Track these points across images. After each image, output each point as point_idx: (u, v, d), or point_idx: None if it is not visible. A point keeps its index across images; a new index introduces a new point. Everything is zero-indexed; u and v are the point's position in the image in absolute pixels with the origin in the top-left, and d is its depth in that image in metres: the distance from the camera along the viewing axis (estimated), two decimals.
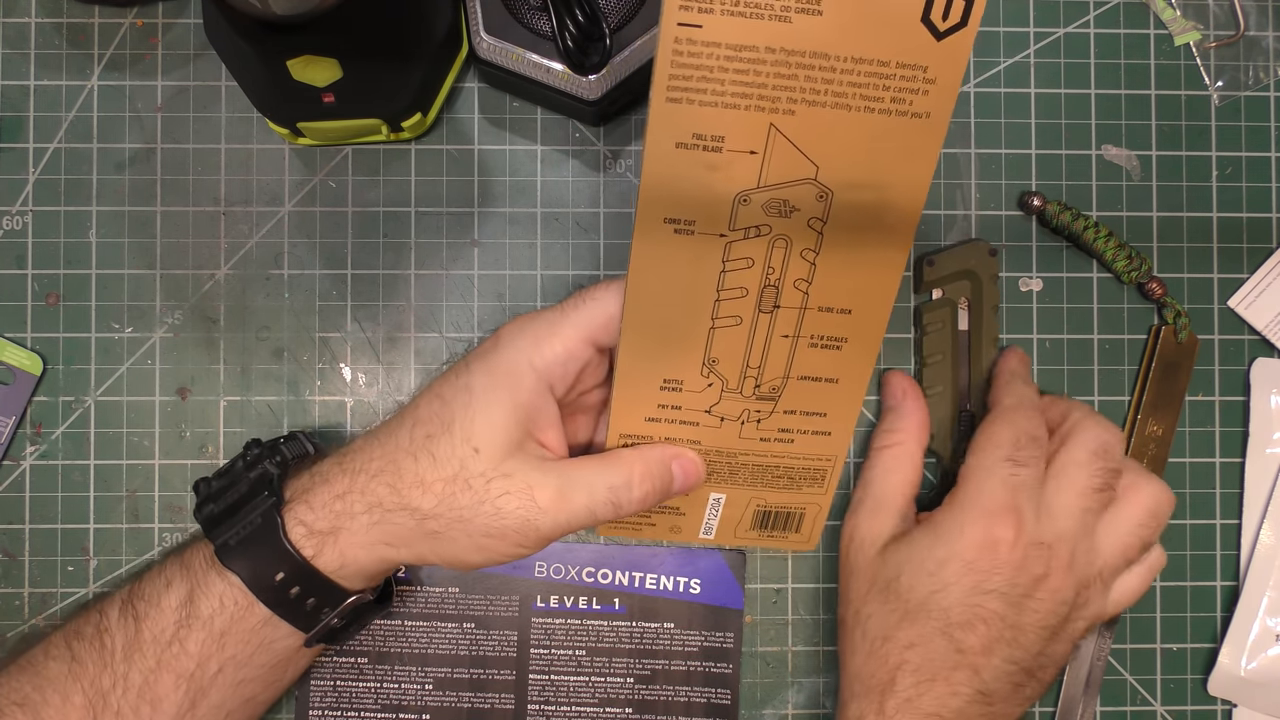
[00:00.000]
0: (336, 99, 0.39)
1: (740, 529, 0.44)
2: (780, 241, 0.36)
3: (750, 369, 0.39)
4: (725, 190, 0.35)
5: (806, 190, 0.35)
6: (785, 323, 0.38)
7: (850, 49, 0.33)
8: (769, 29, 0.32)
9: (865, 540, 0.42)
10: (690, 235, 0.36)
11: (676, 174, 0.35)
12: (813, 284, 0.37)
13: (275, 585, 0.37)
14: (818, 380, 0.40)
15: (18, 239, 0.45)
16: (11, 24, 0.45)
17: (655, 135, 0.34)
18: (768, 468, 0.42)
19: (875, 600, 0.40)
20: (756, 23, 0.32)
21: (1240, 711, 0.46)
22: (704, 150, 0.34)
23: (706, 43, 0.32)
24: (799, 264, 0.37)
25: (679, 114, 0.33)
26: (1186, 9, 0.46)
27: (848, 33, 0.32)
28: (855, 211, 0.36)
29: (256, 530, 0.37)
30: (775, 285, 0.37)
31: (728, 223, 0.36)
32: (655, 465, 0.39)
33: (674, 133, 0.34)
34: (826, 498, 0.43)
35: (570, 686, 0.45)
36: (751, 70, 0.33)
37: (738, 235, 0.36)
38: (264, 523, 0.37)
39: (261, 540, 0.37)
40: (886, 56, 0.33)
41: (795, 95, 0.33)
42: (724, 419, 0.40)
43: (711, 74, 0.33)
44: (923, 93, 0.33)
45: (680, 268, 0.36)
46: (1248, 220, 0.46)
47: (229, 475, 0.40)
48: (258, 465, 0.39)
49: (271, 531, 0.37)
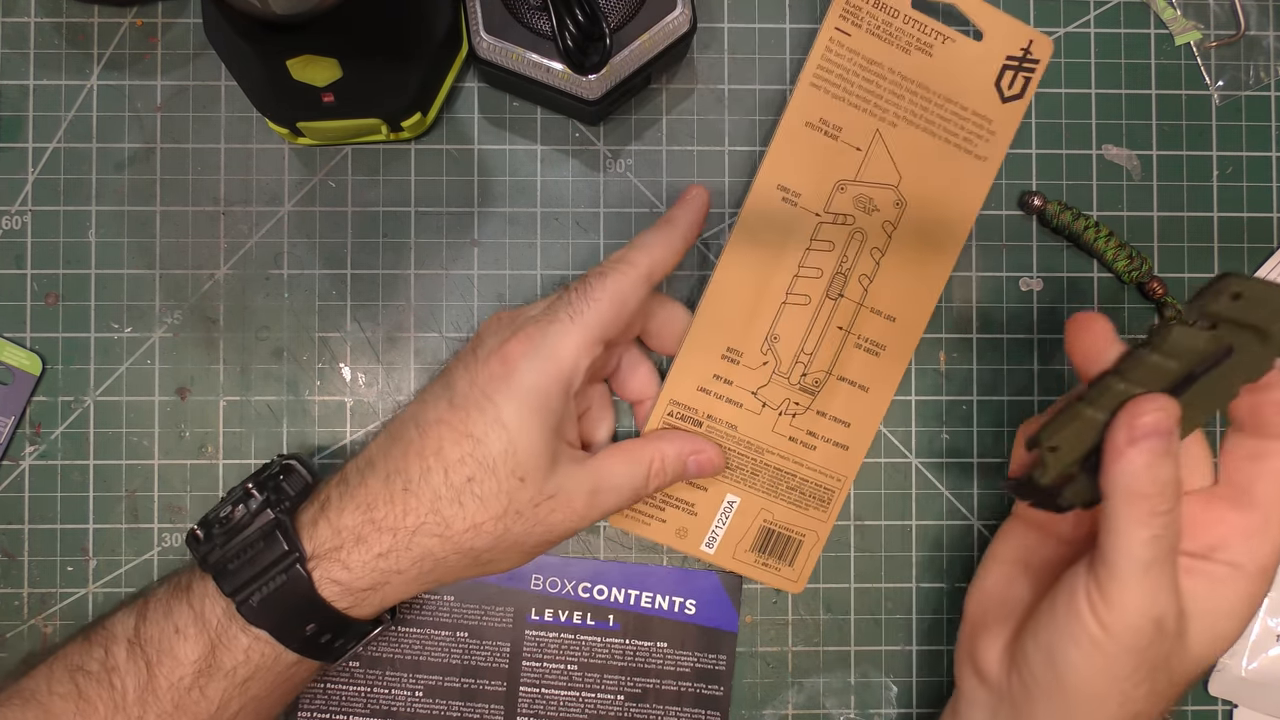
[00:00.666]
0: (336, 99, 0.39)
1: (740, 549, 0.44)
2: (858, 235, 0.43)
3: (804, 354, 0.43)
4: (831, 173, 0.43)
5: (888, 194, 0.43)
6: (843, 314, 0.43)
7: (944, 89, 0.43)
8: (894, 54, 0.42)
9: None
10: (793, 207, 0.43)
11: (799, 148, 0.42)
12: (874, 281, 0.43)
13: (305, 635, 0.36)
14: (853, 385, 0.44)
15: (17, 239, 0.45)
16: (11, 24, 0.45)
17: (793, 111, 0.42)
18: (786, 474, 0.44)
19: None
20: (887, 46, 0.42)
21: (1241, 712, 0.46)
22: (824, 135, 0.42)
23: (850, 49, 0.42)
24: (867, 260, 0.43)
25: (816, 99, 0.42)
26: (1187, 9, 0.46)
27: (945, 76, 0.43)
28: (920, 223, 0.43)
29: (282, 588, 0.36)
30: (844, 274, 0.43)
31: (824, 204, 0.43)
32: (673, 462, 0.40)
33: (807, 113, 0.42)
34: (826, 527, 0.45)
35: (561, 701, 0.45)
36: (875, 81, 0.42)
37: (828, 218, 0.43)
38: (290, 580, 0.36)
39: (289, 598, 0.36)
40: (966, 104, 0.43)
41: (900, 112, 0.43)
42: (765, 405, 0.44)
43: (846, 75, 0.42)
44: (985, 139, 0.43)
45: (777, 235, 0.43)
46: (1248, 220, 0.46)
47: (233, 525, 0.38)
48: (264, 512, 0.37)
49: (301, 589, 0.36)
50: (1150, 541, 0.33)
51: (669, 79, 0.46)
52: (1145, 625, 0.33)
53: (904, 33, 0.42)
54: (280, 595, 0.36)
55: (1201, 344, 0.34)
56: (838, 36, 0.42)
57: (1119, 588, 0.33)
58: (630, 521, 0.44)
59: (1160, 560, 0.33)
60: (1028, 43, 0.43)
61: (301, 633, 0.36)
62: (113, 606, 0.43)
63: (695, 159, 0.46)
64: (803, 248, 0.43)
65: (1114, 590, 0.33)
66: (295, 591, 0.36)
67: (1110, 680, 0.34)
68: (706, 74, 0.46)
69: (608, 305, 0.37)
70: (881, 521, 0.46)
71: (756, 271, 0.43)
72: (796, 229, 0.43)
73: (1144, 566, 0.33)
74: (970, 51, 0.43)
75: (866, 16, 0.42)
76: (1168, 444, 0.33)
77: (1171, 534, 0.33)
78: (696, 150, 0.46)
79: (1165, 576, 0.33)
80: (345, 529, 0.36)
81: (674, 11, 0.41)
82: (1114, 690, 0.34)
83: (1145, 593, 0.33)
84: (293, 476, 0.40)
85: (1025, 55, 0.43)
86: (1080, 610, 0.34)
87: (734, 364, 0.43)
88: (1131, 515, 0.33)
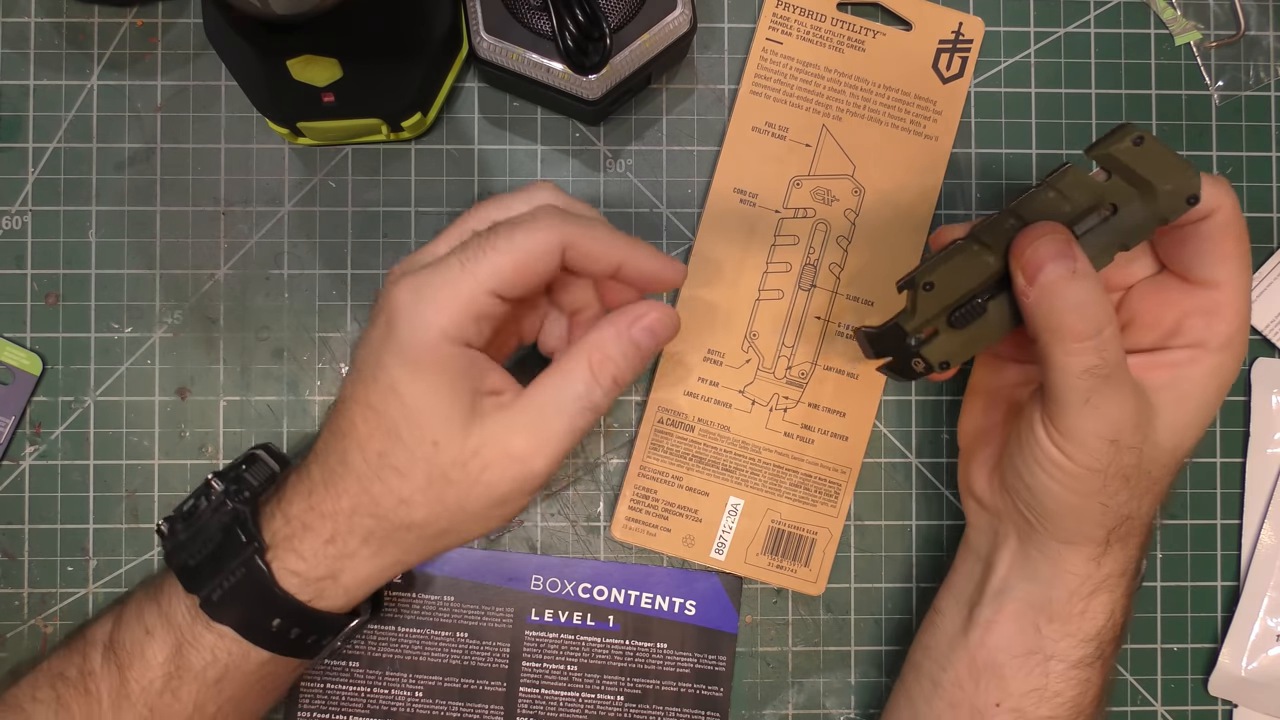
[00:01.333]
0: (336, 99, 0.39)
1: (751, 552, 0.44)
2: (821, 225, 0.44)
3: (785, 348, 0.44)
4: (784, 171, 0.44)
5: (845, 184, 0.44)
6: (819, 303, 0.44)
7: (883, 79, 0.44)
8: (828, 54, 0.44)
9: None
10: (752, 207, 0.44)
11: (749, 151, 0.44)
12: (844, 269, 0.44)
13: (272, 630, 0.35)
14: (841, 373, 0.44)
15: (17, 239, 0.45)
16: (11, 24, 0.45)
17: (737, 118, 0.44)
18: (787, 470, 0.44)
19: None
20: (820, 48, 0.44)
21: (1241, 712, 0.46)
22: (772, 136, 0.44)
23: (784, 55, 0.44)
24: (834, 249, 0.44)
25: (757, 104, 0.44)
26: (1187, 9, 0.46)
27: (881, 67, 0.44)
28: (882, 207, 0.44)
29: (242, 581, 0.35)
30: (814, 265, 0.44)
31: (783, 200, 0.44)
32: (611, 346, 0.35)
33: (751, 119, 0.44)
34: (837, 522, 0.45)
35: (560, 701, 0.45)
36: (813, 81, 0.44)
37: (789, 213, 0.44)
38: (249, 573, 0.35)
39: (250, 591, 0.35)
40: (908, 89, 0.45)
41: (843, 106, 0.44)
42: (755, 402, 0.44)
43: (784, 79, 0.44)
44: (933, 120, 0.45)
45: (741, 235, 0.44)
46: (1248, 220, 0.46)
47: (195, 520, 0.37)
48: (224, 505, 0.37)
49: (260, 582, 0.35)
50: (1087, 372, 0.33)
51: (669, 79, 0.46)
52: (1100, 445, 0.34)
53: (833, 33, 0.44)
54: (240, 589, 0.35)
55: (1095, 188, 0.34)
56: (770, 45, 0.44)
57: (1067, 418, 0.34)
58: (635, 534, 0.44)
59: (1103, 383, 0.33)
60: (958, 25, 0.45)
61: (268, 628, 0.35)
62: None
63: (695, 159, 0.46)
64: (768, 244, 0.44)
65: (1063, 421, 0.34)
66: (255, 584, 0.35)
67: (1083, 496, 0.35)
68: (706, 74, 0.46)
69: (509, 261, 0.33)
70: (881, 521, 0.46)
71: (726, 273, 0.44)
72: (759, 227, 0.44)
73: (1085, 396, 0.33)
74: (901, 42, 0.44)
75: (795, 24, 0.44)
76: (1074, 265, 0.33)
77: (1110, 353, 0.33)
78: (696, 150, 0.46)
79: (1113, 396, 0.33)
80: (294, 517, 0.36)
81: (674, 11, 0.41)
82: (1090, 503, 0.35)
83: (1094, 418, 0.33)
84: (256, 466, 0.38)
85: (958, 37, 0.44)
86: (1040, 439, 0.35)
87: (717, 365, 0.44)
88: (1062, 350, 0.33)
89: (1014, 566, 0.38)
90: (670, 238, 0.45)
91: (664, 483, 0.44)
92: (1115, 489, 0.35)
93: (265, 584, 0.35)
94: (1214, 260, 0.35)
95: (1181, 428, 0.35)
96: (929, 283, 0.35)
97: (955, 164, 0.46)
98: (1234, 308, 0.35)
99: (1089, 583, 0.36)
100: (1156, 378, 0.35)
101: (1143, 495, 0.36)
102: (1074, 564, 0.36)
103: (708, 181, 0.45)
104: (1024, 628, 0.37)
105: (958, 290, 0.35)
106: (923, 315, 0.35)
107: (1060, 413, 0.34)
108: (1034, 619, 0.37)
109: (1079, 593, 0.36)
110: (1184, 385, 0.35)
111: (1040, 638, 0.36)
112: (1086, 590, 0.36)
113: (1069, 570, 0.36)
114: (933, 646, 0.40)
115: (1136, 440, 0.34)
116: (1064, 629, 0.36)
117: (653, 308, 0.36)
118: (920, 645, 0.41)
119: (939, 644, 0.39)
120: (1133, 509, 0.36)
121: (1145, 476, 0.35)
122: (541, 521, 0.46)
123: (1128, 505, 0.35)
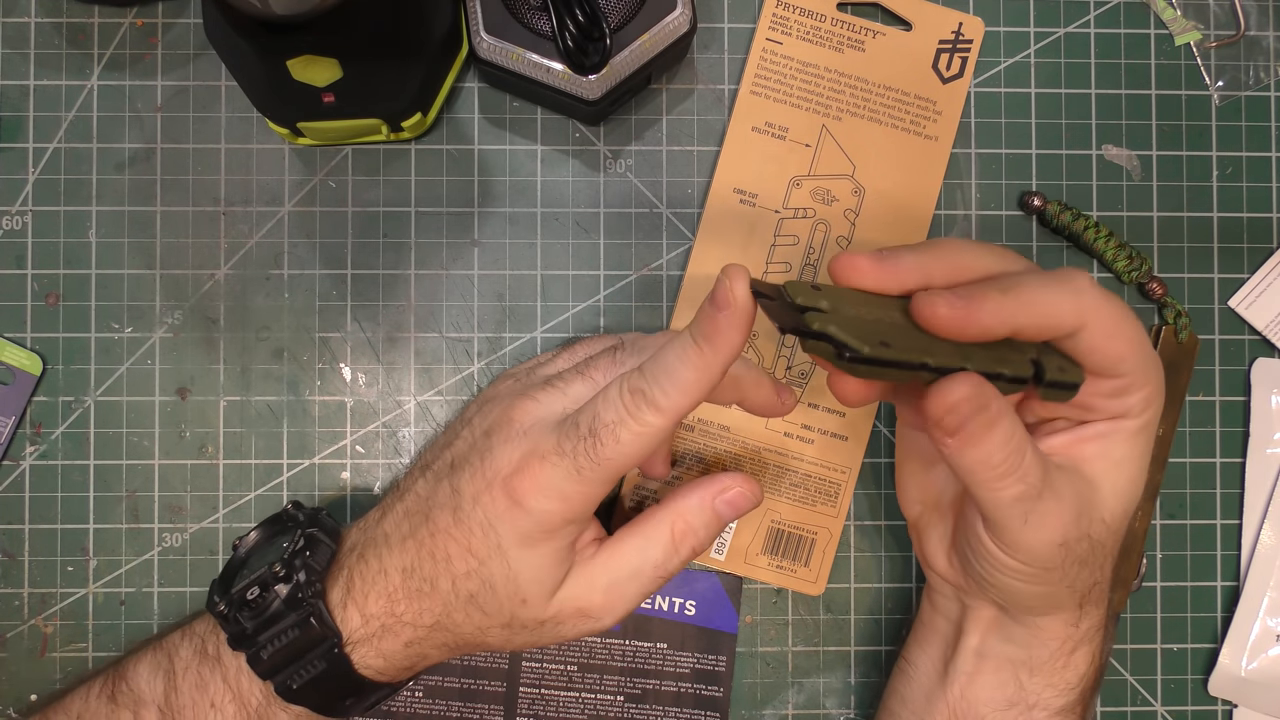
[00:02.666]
0: (336, 99, 0.39)
1: (752, 552, 0.44)
2: (821, 226, 0.44)
3: (785, 348, 0.45)
4: (784, 171, 0.44)
5: (845, 184, 0.44)
6: None
7: (882, 79, 0.44)
8: (827, 54, 0.44)
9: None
10: (752, 207, 0.44)
11: (749, 151, 0.44)
12: None
13: (345, 706, 0.37)
14: None
15: (17, 239, 0.45)
16: (11, 24, 0.45)
17: (737, 119, 0.44)
18: (786, 470, 0.44)
19: None
20: (819, 48, 0.44)
21: (1241, 712, 0.46)
22: (772, 136, 0.44)
23: (784, 55, 0.44)
24: (834, 249, 0.45)
25: (757, 104, 0.44)
26: (1187, 9, 0.46)
27: (881, 67, 0.44)
28: (882, 207, 0.45)
29: (323, 673, 0.36)
30: (813, 265, 0.44)
31: (782, 200, 0.44)
32: (694, 516, 0.37)
33: (751, 119, 0.44)
34: (837, 523, 0.45)
35: (560, 702, 0.45)
36: (813, 81, 0.44)
37: (789, 213, 0.44)
38: (330, 666, 0.36)
39: (330, 680, 0.36)
40: (908, 89, 0.45)
41: (843, 106, 0.44)
42: None
43: (784, 79, 0.44)
44: (933, 120, 0.45)
45: (740, 236, 0.44)
46: (1248, 220, 0.46)
47: (261, 610, 0.36)
48: (297, 598, 0.36)
49: (342, 671, 0.36)
50: (1017, 500, 0.32)
51: (669, 79, 0.46)
52: (1050, 551, 0.33)
53: (833, 34, 0.44)
54: (321, 679, 0.36)
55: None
56: (770, 46, 0.44)
57: (1008, 536, 0.33)
58: None
59: (1036, 501, 0.33)
60: (958, 25, 0.45)
61: (342, 706, 0.37)
62: (128, 647, 0.43)
63: (695, 159, 0.46)
64: (768, 245, 0.44)
65: (1005, 538, 0.34)
66: (336, 674, 0.36)
67: (1047, 584, 0.35)
68: (706, 74, 0.46)
69: (621, 463, 0.33)
70: (882, 521, 0.46)
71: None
72: (759, 228, 0.44)
73: (1023, 518, 0.33)
74: (902, 42, 0.44)
75: (795, 24, 0.44)
76: (990, 416, 0.31)
77: (1033, 475, 0.32)
78: (696, 150, 0.46)
79: (1050, 508, 0.33)
80: (372, 617, 0.36)
81: (674, 11, 0.41)
82: (1056, 589, 0.35)
83: (1035, 533, 0.33)
84: (319, 551, 0.37)
85: (958, 37, 0.44)
86: (990, 551, 0.35)
87: None
88: (988, 489, 0.32)
89: (989, 632, 0.37)
90: (670, 238, 0.45)
91: (664, 483, 0.44)
92: (1075, 572, 0.34)
93: (347, 674, 0.36)
94: (1104, 363, 0.33)
95: (1123, 490, 0.35)
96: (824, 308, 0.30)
97: (955, 164, 0.46)
98: (1141, 378, 0.34)
99: (1069, 642, 0.36)
100: (1086, 450, 0.34)
101: (1103, 564, 0.35)
102: (1053, 630, 0.36)
103: (708, 181, 0.45)
104: (1005, 681, 0.37)
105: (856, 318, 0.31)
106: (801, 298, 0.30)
107: (1001, 532, 0.34)
108: (1015, 673, 0.37)
109: (1061, 651, 0.36)
110: (1116, 451, 0.34)
111: (1022, 690, 0.36)
112: (1068, 649, 0.36)
113: (1049, 636, 0.36)
114: (909, 699, 0.40)
115: (1084, 530, 0.34)
116: (1047, 680, 0.36)
117: (736, 480, 0.37)
118: (895, 694, 0.41)
119: (915, 696, 0.39)
120: (1099, 576, 0.35)
121: (1100, 550, 0.35)
122: None
123: (1091, 577, 0.35)
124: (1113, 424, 0.34)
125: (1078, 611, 0.36)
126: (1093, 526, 0.34)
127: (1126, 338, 0.33)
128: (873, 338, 0.29)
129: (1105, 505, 0.34)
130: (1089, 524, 0.34)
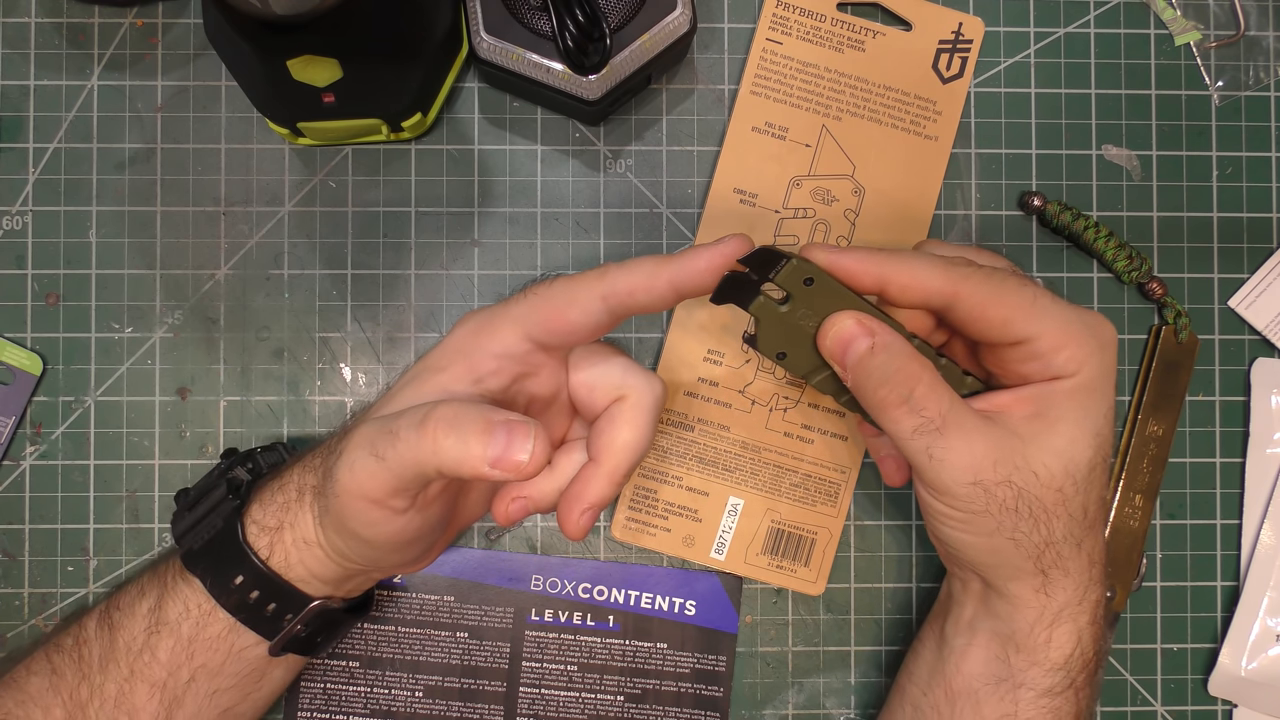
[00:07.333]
0: (336, 99, 0.39)
1: (751, 552, 0.44)
2: (821, 225, 0.45)
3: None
4: (784, 171, 0.44)
5: (845, 184, 0.45)
6: None
7: (882, 79, 0.45)
8: (828, 54, 0.45)
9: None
10: (752, 207, 0.44)
11: (749, 151, 0.44)
12: None
13: (235, 589, 0.36)
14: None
15: (18, 239, 0.45)
16: (11, 24, 0.45)
17: (737, 119, 0.44)
18: (786, 470, 0.44)
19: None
20: (819, 48, 0.45)
21: (1241, 712, 0.46)
22: (772, 136, 0.44)
23: (784, 55, 0.44)
24: None
25: (757, 105, 0.44)
26: (1187, 9, 0.46)
27: (881, 67, 0.45)
28: (882, 207, 0.45)
29: (218, 533, 0.37)
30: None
31: (782, 200, 0.44)
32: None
33: (751, 119, 0.44)
34: (837, 523, 0.45)
35: (560, 702, 0.45)
36: (813, 81, 0.44)
37: (789, 213, 0.44)
38: (224, 526, 0.37)
39: (222, 543, 0.37)
40: (908, 89, 0.45)
41: (843, 106, 0.45)
42: (755, 403, 0.44)
43: (784, 79, 0.44)
44: (933, 120, 0.45)
45: None
46: (1248, 220, 0.46)
47: (203, 483, 0.40)
48: (230, 471, 0.39)
49: (231, 534, 0.37)
50: (916, 432, 0.34)
51: (669, 79, 0.46)
52: (965, 490, 0.34)
53: (834, 34, 0.44)
54: (215, 539, 0.37)
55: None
56: (770, 46, 0.44)
57: (924, 475, 0.35)
58: (635, 534, 0.44)
59: (937, 435, 0.34)
60: (958, 25, 0.45)
61: (231, 584, 0.36)
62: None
63: (695, 159, 0.46)
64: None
65: (924, 477, 0.35)
66: (226, 534, 0.37)
67: (985, 536, 0.35)
68: (706, 74, 0.46)
69: (546, 303, 0.36)
70: (881, 522, 0.46)
71: None
72: (759, 228, 0.44)
73: (927, 453, 0.34)
74: (902, 42, 0.45)
75: (795, 25, 0.44)
76: (870, 341, 0.34)
77: (930, 409, 0.34)
78: (696, 150, 0.46)
79: (953, 444, 0.34)
80: (270, 513, 0.37)
81: (674, 11, 0.41)
82: (997, 540, 0.35)
83: (943, 469, 0.34)
84: (270, 452, 0.41)
85: (958, 37, 0.45)
86: (923, 498, 0.36)
87: (717, 365, 0.44)
88: (886, 419, 0.35)
89: (978, 605, 0.38)
90: (670, 238, 0.45)
91: (664, 483, 0.44)
92: (1012, 523, 0.35)
93: (233, 535, 0.37)
94: (990, 330, 0.35)
95: (1061, 449, 0.35)
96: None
97: (955, 164, 0.46)
98: (1059, 338, 0.34)
99: (1046, 614, 0.36)
100: (1021, 410, 0.35)
101: (1049, 522, 0.35)
102: (1023, 597, 0.36)
103: (708, 182, 0.45)
104: (992, 657, 0.37)
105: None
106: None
107: (917, 472, 0.35)
108: (1001, 649, 0.37)
109: (1039, 624, 0.36)
110: (1050, 412, 0.35)
111: (1009, 667, 0.37)
112: (1046, 621, 0.36)
113: (1022, 604, 0.36)
114: (915, 672, 0.40)
115: (1001, 475, 0.34)
116: (1030, 659, 0.37)
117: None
118: (905, 670, 0.41)
119: (920, 670, 0.40)
120: (1045, 536, 0.35)
121: (1035, 504, 0.35)
122: (542, 521, 0.46)
123: (1036, 534, 0.35)
124: (1048, 384, 0.35)
125: (1041, 577, 0.36)
126: (1016, 474, 0.34)
127: (1010, 304, 0.34)
128: (781, 342, 0.36)
129: (1036, 459, 0.34)
130: (1010, 470, 0.34)
